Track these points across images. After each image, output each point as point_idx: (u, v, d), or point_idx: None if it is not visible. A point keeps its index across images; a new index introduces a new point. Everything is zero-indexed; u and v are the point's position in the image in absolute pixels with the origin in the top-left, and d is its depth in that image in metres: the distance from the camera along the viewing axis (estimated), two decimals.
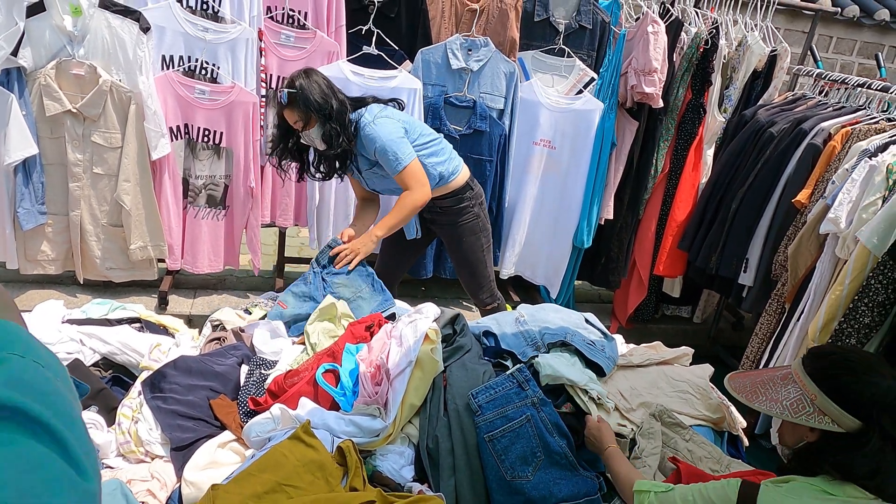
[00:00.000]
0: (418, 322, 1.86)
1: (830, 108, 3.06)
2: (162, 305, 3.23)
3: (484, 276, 2.72)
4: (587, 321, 2.11)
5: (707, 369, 2.07)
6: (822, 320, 2.51)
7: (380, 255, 2.80)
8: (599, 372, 1.90)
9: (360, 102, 2.41)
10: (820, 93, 3.25)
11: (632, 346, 2.26)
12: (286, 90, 2.25)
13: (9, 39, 2.61)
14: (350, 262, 2.33)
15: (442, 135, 2.58)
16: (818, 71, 3.35)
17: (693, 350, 2.20)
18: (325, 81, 2.32)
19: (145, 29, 2.74)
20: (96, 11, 2.69)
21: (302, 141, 2.37)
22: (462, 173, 2.56)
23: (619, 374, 1.98)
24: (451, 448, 1.68)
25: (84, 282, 3.12)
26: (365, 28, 3.04)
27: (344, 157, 2.38)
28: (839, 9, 4.53)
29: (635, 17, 3.38)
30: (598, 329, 2.09)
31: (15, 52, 2.65)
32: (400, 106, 2.49)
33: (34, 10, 2.65)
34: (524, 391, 1.75)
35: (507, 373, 1.79)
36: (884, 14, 5.42)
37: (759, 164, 3.05)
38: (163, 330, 2.28)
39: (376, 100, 2.45)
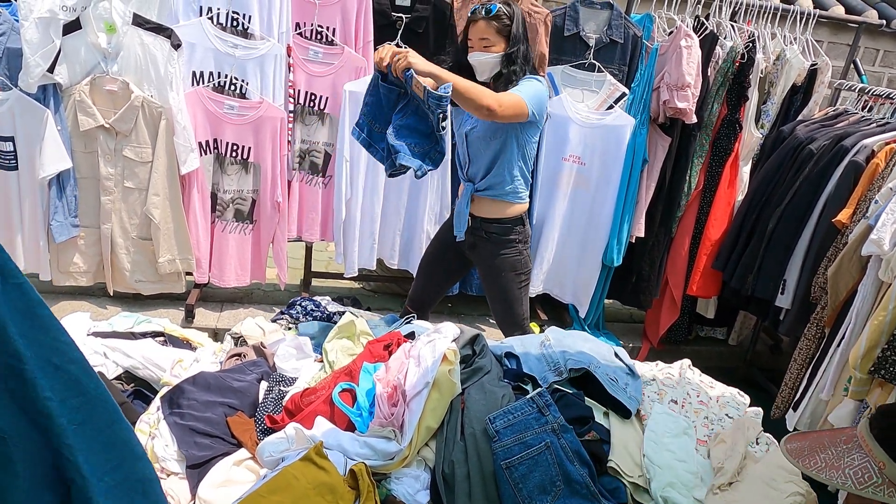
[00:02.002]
0: (437, 342, 1.82)
1: (874, 125, 2.94)
2: (189, 318, 3.25)
3: (519, 314, 2.57)
4: (616, 355, 2.05)
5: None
6: (864, 347, 2.39)
7: (415, 281, 2.74)
8: (623, 411, 1.82)
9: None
10: (863, 108, 3.13)
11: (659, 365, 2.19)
12: (498, 3, 2.19)
13: (46, 56, 2.68)
14: (400, 63, 1.99)
15: None
16: (861, 85, 3.22)
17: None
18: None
19: (176, 46, 2.78)
20: (130, 29, 2.75)
21: (469, 59, 2.28)
22: (523, 205, 2.45)
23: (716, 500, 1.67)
24: (468, 474, 1.63)
25: (114, 293, 3.17)
26: (393, 44, 3.04)
27: (498, 90, 2.25)
28: (885, 21, 4.37)
29: (668, 32, 3.31)
30: (626, 365, 2.02)
31: (51, 69, 2.71)
32: None
33: (70, 28, 2.71)
34: (544, 416, 1.70)
35: (527, 397, 1.74)
36: None
37: (798, 182, 2.94)
38: (186, 344, 2.29)
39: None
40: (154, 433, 1.78)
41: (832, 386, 2.67)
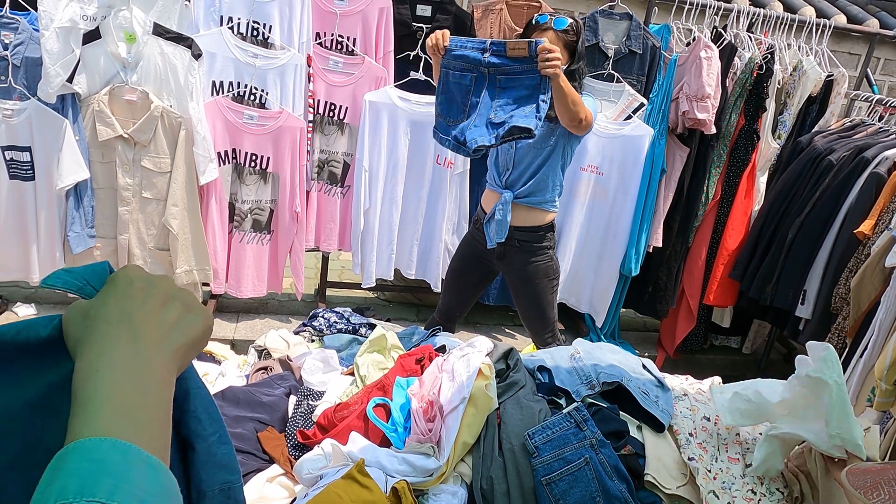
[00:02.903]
0: (471, 356, 1.80)
1: (893, 136, 2.94)
2: None
3: (551, 318, 2.61)
4: (644, 367, 2.03)
5: None
6: (889, 358, 2.39)
7: (442, 295, 2.73)
8: (656, 425, 1.81)
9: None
10: (879, 119, 3.14)
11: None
12: (570, 20, 2.24)
13: (66, 66, 2.66)
14: (550, 62, 2.01)
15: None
16: (876, 97, 3.23)
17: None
18: None
19: (197, 55, 2.77)
20: (150, 38, 2.73)
21: None
22: (555, 213, 2.48)
23: None
24: (507, 490, 1.62)
25: None
26: (413, 53, 3.04)
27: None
28: (891, 31, 4.40)
29: (686, 42, 3.31)
30: (655, 377, 2.00)
31: (70, 79, 2.69)
32: None
33: (90, 38, 2.70)
34: (582, 431, 1.68)
35: (565, 411, 1.72)
36: None
37: (818, 193, 2.95)
38: (209, 357, 2.28)
39: None
40: None
41: (855, 396, 2.67)
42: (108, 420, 0.47)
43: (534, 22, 2.27)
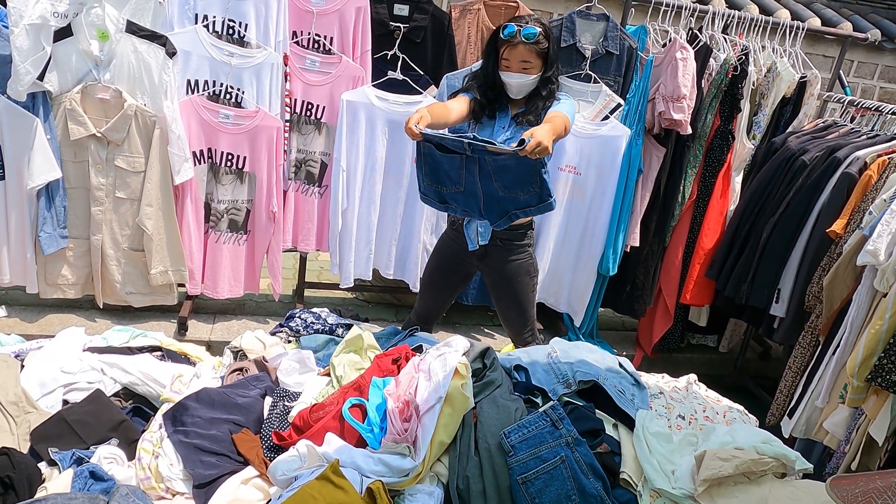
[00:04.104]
0: (447, 355, 1.80)
1: (864, 137, 2.99)
2: (181, 331, 3.19)
3: (530, 316, 2.62)
4: (621, 365, 2.04)
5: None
6: (860, 355, 2.43)
7: (420, 296, 2.72)
8: (631, 423, 1.82)
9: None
10: (850, 120, 3.19)
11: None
12: (539, 28, 2.22)
13: (36, 64, 2.61)
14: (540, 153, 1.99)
15: None
16: (848, 98, 3.28)
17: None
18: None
19: (171, 54, 2.74)
20: (123, 36, 2.70)
21: (506, 80, 2.30)
22: None
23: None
24: (483, 490, 1.61)
25: (103, 306, 3.09)
26: (391, 53, 3.03)
27: (534, 108, 2.31)
28: (864, 34, 4.48)
29: (662, 43, 3.34)
30: (631, 375, 2.02)
31: (41, 77, 2.65)
32: None
33: (61, 35, 2.66)
34: (558, 430, 1.69)
35: (541, 410, 1.73)
36: None
37: (792, 193, 2.98)
38: (184, 359, 2.24)
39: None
40: (158, 452, 1.74)
41: (827, 393, 2.70)
42: None
43: (502, 35, 2.24)
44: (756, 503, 1.61)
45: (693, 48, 3.15)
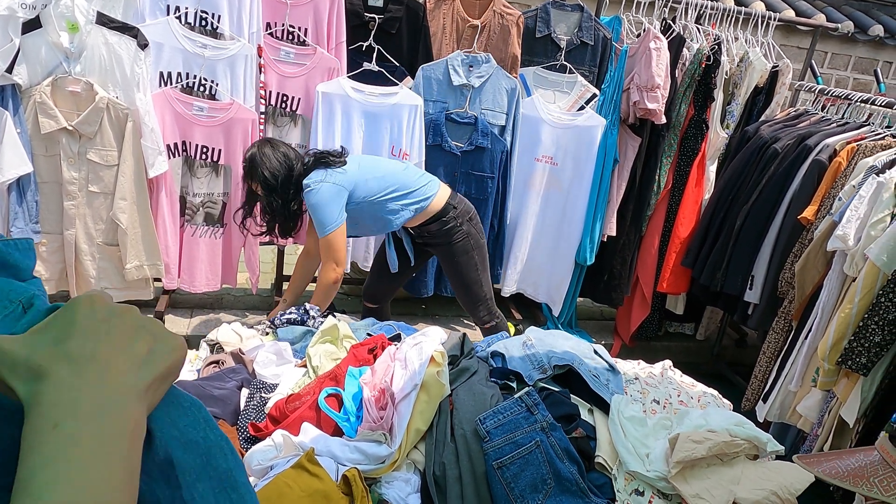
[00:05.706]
0: (423, 344, 1.81)
1: (834, 125, 3.04)
2: None
3: (480, 294, 2.73)
4: (596, 352, 2.07)
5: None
6: (831, 339, 2.47)
7: (368, 277, 2.78)
8: (606, 408, 1.84)
9: (310, 168, 2.48)
10: (822, 108, 3.24)
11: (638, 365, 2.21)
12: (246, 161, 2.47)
13: (4, 56, 2.57)
14: None
15: (411, 163, 2.66)
16: (819, 87, 3.33)
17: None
18: (282, 153, 2.46)
19: (143, 45, 2.70)
20: (93, 28, 2.66)
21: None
22: (439, 197, 2.58)
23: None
24: (459, 475, 1.63)
25: None
26: (366, 44, 3.02)
27: (283, 225, 2.57)
28: (836, 24, 4.54)
29: (636, 34, 3.36)
30: (606, 361, 2.04)
31: (10, 69, 2.60)
32: (342, 153, 2.54)
33: (30, 27, 2.61)
34: (533, 415, 1.70)
35: (516, 396, 1.74)
36: (878, 30, 5.46)
37: (764, 181, 3.03)
38: None
39: (322, 158, 2.49)
40: None
41: (800, 377, 2.75)
42: (69, 495, 0.40)
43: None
44: (728, 483, 1.64)
45: (667, 38, 3.18)
